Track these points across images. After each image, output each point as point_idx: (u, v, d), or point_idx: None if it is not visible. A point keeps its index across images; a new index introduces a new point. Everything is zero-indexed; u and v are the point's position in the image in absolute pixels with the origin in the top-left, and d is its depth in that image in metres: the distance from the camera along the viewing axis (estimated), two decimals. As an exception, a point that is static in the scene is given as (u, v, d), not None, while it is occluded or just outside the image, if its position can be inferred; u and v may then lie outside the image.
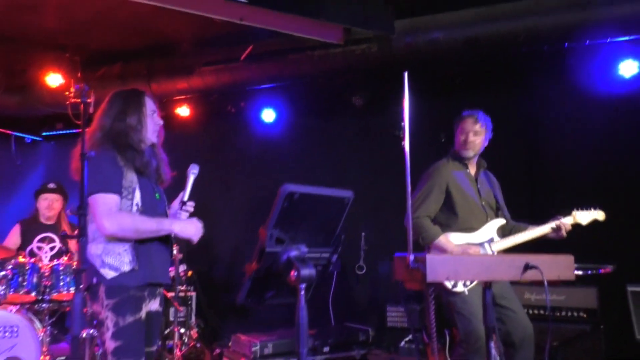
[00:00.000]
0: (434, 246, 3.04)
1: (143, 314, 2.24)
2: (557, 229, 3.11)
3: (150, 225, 2.23)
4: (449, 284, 2.98)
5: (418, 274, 1.83)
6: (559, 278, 2.08)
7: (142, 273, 2.21)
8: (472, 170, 3.30)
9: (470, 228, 3.14)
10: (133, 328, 2.16)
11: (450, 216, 3.16)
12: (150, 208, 2.32)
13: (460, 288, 2.97)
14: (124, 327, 2.14)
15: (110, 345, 2.14)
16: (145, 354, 2.28)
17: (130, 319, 2.16)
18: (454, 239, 3.09)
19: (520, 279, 2.03)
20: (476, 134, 3.23)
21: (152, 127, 2.44)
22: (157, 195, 2.40)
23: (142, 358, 2.21)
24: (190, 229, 2.31)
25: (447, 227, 3.13)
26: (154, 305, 2.35)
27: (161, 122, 2.50)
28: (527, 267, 2.00)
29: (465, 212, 3.15)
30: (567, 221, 3.14)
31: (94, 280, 2.17)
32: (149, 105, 2.46)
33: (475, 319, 2.89)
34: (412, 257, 1.85)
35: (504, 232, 3.23)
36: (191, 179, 2.49)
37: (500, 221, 3.21)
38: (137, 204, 2.27)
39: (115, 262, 2.20)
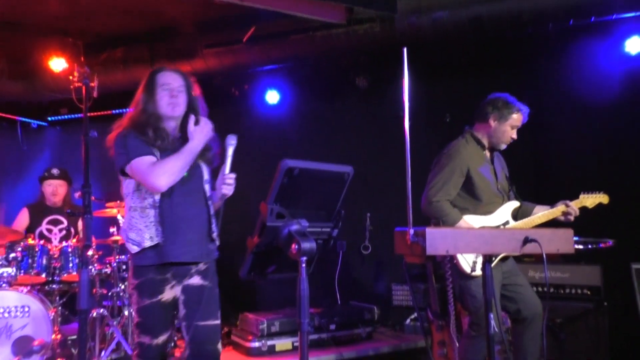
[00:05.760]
0: None
1: (166, 295, 2.32)
2: (567, 213, 3.11)
3: (181, 156, 2.27)
4: (467, 268, 2.96)
5: (418, 247, 1.85)
6: (558, 251, 2.09)
7: (162, 250, 2.25)
8: (488, 152, 3.23)
9: (487, 211, 3.11)
10: (150, 310, 2.29)
11: (469, 199, 3.11)
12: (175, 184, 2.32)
13: (478, 272, 2.93)
14: (143, 308, 2.30)
15: (135, 318, 2.35)
16: (201, 328, 2.32)
17: (147, 302, 2.29)
18: (471, 222, 3.05)
19: (519, 253, 2.05)
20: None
21: (164, 101, 2.40)
22: (184, 173, 2.36)
23: (160, 335, 2.33)
24: (199, 132, 2.36)
25: (465, 210, 3.08)
26: (193, 280, 2.37)
27: (174, 92, 2.41)
28: (526, 240, 2.01)
29: (485, 196, 3.10)
30: (574, 204, 3.12)
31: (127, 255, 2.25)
32: (160, 79, 2.43)
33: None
34: (412, 231, 1.87)
35: (513, 213, 3.21)
36: (230, 151, 2.47)
37: (515, 204, 3.19)
38: None
39: (137, 237, 2.26)
